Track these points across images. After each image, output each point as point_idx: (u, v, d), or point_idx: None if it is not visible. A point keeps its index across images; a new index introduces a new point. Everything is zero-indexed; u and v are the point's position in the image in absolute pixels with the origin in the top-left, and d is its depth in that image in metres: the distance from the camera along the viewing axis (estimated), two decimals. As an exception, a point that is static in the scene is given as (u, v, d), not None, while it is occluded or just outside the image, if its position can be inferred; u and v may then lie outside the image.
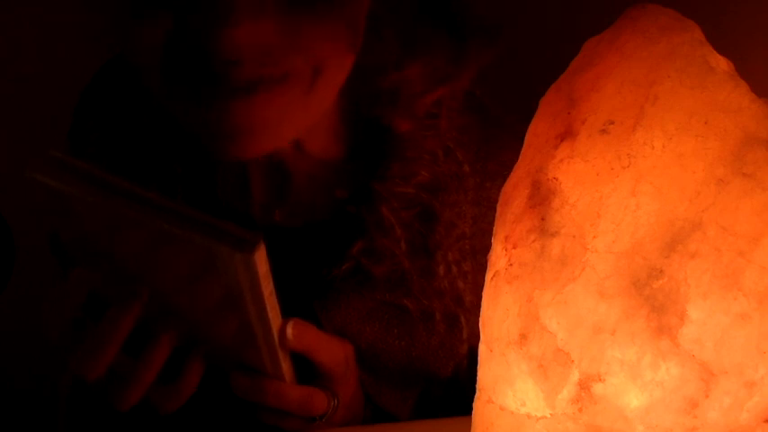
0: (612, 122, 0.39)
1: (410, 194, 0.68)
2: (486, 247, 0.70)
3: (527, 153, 0.44)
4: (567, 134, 0.41)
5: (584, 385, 0.38)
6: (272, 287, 0.54)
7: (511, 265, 0.41)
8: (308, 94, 0.59)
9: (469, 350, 0.72)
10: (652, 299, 0.37)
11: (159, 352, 0.57)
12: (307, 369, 0.62)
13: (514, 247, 0.41)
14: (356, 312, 0.68)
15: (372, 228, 0.67)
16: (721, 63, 0.40)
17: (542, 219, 0.40)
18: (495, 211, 0.70)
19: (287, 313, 0.59)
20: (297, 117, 0.60)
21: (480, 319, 0.44)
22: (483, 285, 0.70)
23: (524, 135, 0.45)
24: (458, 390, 0.74)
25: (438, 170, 0.69)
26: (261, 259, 0.50)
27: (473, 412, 0.45)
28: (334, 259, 0.68)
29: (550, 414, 0.39)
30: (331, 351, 0.62)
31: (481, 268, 0.70)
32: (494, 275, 0.43)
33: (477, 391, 0.45)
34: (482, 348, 0.44)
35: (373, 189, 0.68)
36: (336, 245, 0.68)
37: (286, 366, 0.60)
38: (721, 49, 0.40)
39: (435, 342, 0.70)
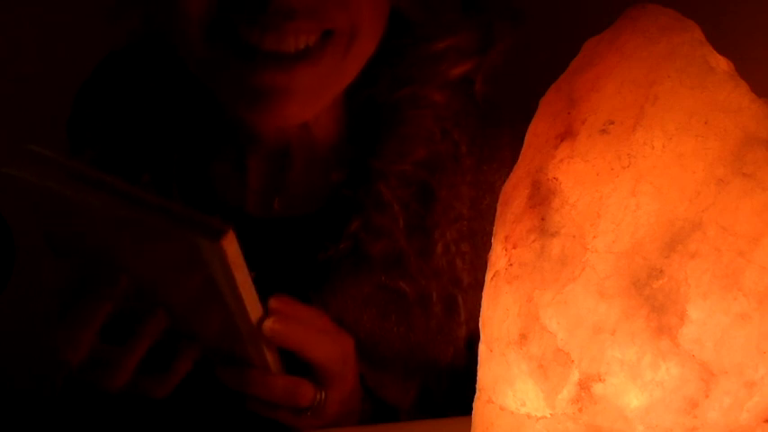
0: (612, 122, 0.39)
1: (407, 172, 0.69)
2: (484, 230, 0.71)
3: (527, 153, 0.44)
4: (567, 134, 0.41)
5: (584, 385, 0.38)
6: (246, 276, 0.54)
7: (511, 265, 0.41)
8: (343, 60, 0.63)
9: (468, 338, 0.72)
10: (652, 299, 0.37)
11: (145, 334, 0.58)
12: (302, 364, 0.62)
13: (514, 247, 0.41)
14: (352, 300, 0.68)
15: (370, 205, 0.68)
16: (721, 63, 0.40)
17: (542, 219, 0.40)
18: (492, 193, 0.72)
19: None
20: (331, 84, 0.65)
21: (480, 319, 0.44)
22: (481, 267, 0.71)
23: (524, 135, 0.45)
24: (458, 381, 0.74)
25: (434, 149, 0.70)
26: (230, 247, 0.51)
27: (473, 412, 0.45)
28: (332, 241, 0.68)
29: (550, 414, 0.39)
30: (324, 349, 0.62)
31: (479, 250, 0.71)
32: (494, 275, 0.43)
33: (477, 391, 0.45)
34: (482, 348, 0.44)
35: (370, 167, 0.69)
36: (333, 230, 0.69)
37: (271, 357, 0.60)
38: (721, 49, 0.40)
39: (433, 327, 0.71)
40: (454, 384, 0.74)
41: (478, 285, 0.71)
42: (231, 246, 0.51)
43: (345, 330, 0.66)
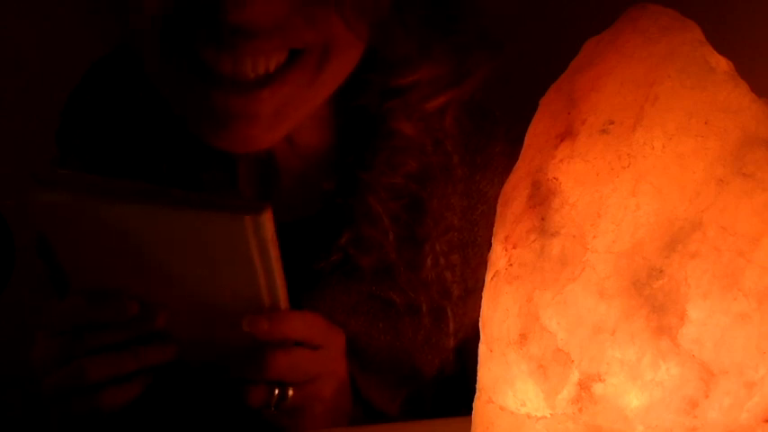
0: (612, 122, 0.39)
1: (398, 185, 0.68)
2: (475, 240, 0.71)
3: (527, 153, 0.44)
4: (567, 134, 0.41)
5: (584, 385, 0.38)
6: (278, 251, 0.56)
7: (511, 265, 0.41)
8: (313, 82, 0.60)
9: (457, 346, 0.72)
10: (652, 299, 0.37)
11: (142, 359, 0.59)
12: None
13: (514, 247, 0.41)
14: (341, 306, 0.68)
15: (360, 218, 0.67)
16: (721, 63, 0.40)
17: (542, 219, 0.40)
18: (483, 203, 0.71)
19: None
20: (299, 106, 0.61)
21: (480, 319, 0.44)
22: (471, 278, 0.71)
23: (521, 137, 0.45)
24: (446, 389, 0.74)
25: (426, 161, 0.69)
26: (268, 222, 0.54)
27: (473, 412, 0.45)
28: (323, 252, 0.68)
29: (550, 414, 0.39)
30: (309, 368, 0.62)
31: (469, 260, 0.71)
32: (494, 275, 0.43)
33: (477, 391, 0.45)
34: (482, 348, 0.44)
35: (360, 179, 0.68)
36: (325, 238, 0.68)
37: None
38: (721, 49, 0.40)
39: (420, 337, 0.70)
40: (441, 392, 0.74)
41: (468, 296, 0.71)
42: (269, 221, 0.54)
43: (337, 327, 0.66)
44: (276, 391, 0.61)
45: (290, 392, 0.62)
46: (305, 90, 0.60)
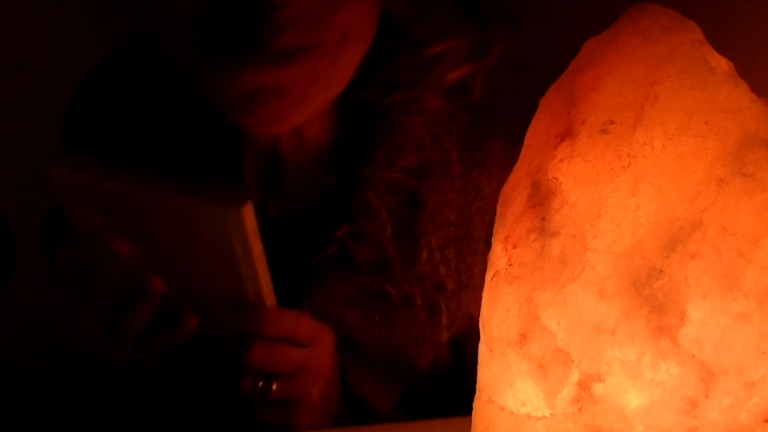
0: (612, 122, 0.39)
1: (396, 179, 0.69)
2: (470, 235, 0.72)
3: (527, 153, 0.44)
4: (567, 134, 0.41)
5: (584, 385, 0.38)
6: (261, 247, 0.58)
7: (511, 265, 0.41)
8: (334, 64, 0.62)
9: (450, 341, 0.73)
10: (652, 299, 0.37)
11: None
12: None
13: (514, 247, 0.41)
14: (337, 298, 0.69)
15: (358, 212, 0.68)
16: (721, 63, 0.40)
17: (542, 219, 0.40)
18: (480, 199, 0.72)
19: None
20: (323, 87, 0.63)
21: (480, 319, 0.44)
22: (465, 272, 0.72)
23: (519, 136, 0.45)
24: (441, 385, 0.74)
25: (425, 156, 0.70)
26: (248, 215, 0.55)
27: (473, 412, 0.45)
28: (321, 245, 0.68)
29: (550, 414, 0.39)
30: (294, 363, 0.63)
31: (465, 256, 0.71)
32: (494, 275, 0.43)
33: (477, 391, 0.45)
34: (482, 348, 0.44)
35: (360, 174, 0.69)
36: (324, 232, 0.69)
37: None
38: (721, 49, 0.40)
39: (415, 330, 0.71)
40: (436, 390, 0.75)
41: (462, 290, 0.72)
42: (249, 214, 0.56)
43: (327, 326, 0.66)
44: (261, 383, 0.62)
45: (274, 386, 0.62)
46: (327, 70, 0.62)
